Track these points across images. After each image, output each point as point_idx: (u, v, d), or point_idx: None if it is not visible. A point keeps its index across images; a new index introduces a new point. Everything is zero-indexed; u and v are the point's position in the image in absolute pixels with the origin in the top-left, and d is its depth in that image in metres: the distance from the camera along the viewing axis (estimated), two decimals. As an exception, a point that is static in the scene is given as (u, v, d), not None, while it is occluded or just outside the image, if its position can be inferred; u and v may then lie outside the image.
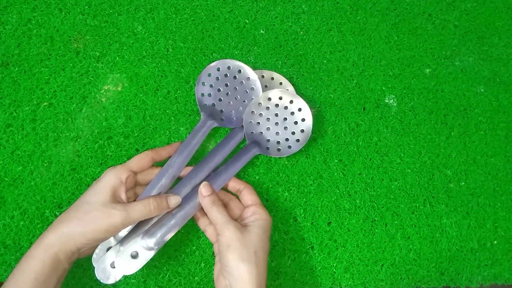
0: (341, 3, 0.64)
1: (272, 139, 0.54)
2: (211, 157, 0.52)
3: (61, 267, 0.42)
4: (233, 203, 0.51)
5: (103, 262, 0.45)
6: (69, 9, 0.57)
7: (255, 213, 0.48)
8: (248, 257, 0.44)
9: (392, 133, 0.61)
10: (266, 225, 0.47)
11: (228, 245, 0.44)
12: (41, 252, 0.41)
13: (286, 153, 0.53)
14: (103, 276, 0.45)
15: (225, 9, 0.60)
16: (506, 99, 0.65)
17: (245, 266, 0.43)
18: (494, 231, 0.60)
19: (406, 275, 0.57)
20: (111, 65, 0.56)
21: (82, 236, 0.42)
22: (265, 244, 0.46)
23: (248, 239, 0.45)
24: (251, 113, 0.53)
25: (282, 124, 0.54)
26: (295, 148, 0.53)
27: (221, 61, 0.54)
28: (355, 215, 0.57)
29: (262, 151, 0.53)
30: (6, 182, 0.50)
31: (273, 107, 0.54)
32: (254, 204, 0.49)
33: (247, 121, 0.53)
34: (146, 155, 0.49)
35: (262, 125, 0.54)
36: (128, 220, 0.43)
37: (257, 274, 0.43)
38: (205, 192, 0.48)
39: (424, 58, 0.64)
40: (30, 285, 0.40)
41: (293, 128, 0.54)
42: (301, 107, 0.53)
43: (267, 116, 0.54)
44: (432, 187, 0.60)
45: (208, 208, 0.47)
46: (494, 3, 0.69)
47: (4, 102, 0.52)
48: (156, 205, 0.45)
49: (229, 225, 0.45)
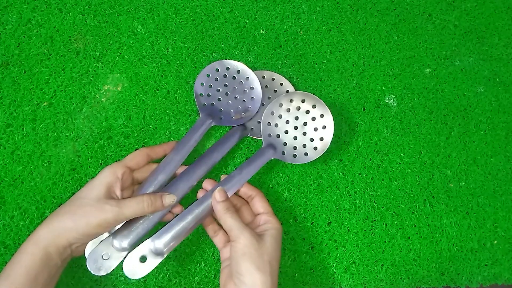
0: (341, 3, 0.64)
1: (289, 144, 0.52)
2: (208, 154, 0.51)
3: (52, 263, 0.42)
4: (245, 208, 0.51)
5: (95, 253, 0.45)
6: (69, 9, 0.57)
7: (267, 222, 0.48)
8: (263, 266, 0.43)
9: (392, 133, 0.61)
10: (278, 234, 0.47)
11: (244, 253, 0.43)
12: (32, 246, 0.41)
13: (302, 161, 0.51)
14: (94, 267, 0.45)
15: (225, 9, 0.60)
16: (506, 99, 0.65)
17: (260, 276, 0.42)
18: (494, 231, 0.60)
19: (406, 275, 0.57)
20: (111, 65, 0.56)
21: (74, 230, 0.42)
22: (278, 254, 0.46)
23: (263, 248, 0.44)
24: (270, 114, 0.52)
25: (301, 129, 0.52)
26: (311, 156, 0.51)
27: (219, 62, 0.54)
28: (355, 215, 0.57)
29: (277, 155, 0.51)
30: (6, 182, 0.50)
31: (294, 110, 0.52)
32: (266, 212, 0.49)
33: (265, 122, 0.52)
34: (141, 151, 0.49)
35: (281, 127, 0.52)
36: (121, 216, 0.43)
37: (271, 284, 0.43)
38: (219, 197, 0.47)
39: (424, 58, 0.64)
40: (20, 280, 0.40)
41: (312, 135, 0.52)
42: (323, 114, 0.52)
43: (287, 118, 0.52)
44: (432, 187, 0.60)
45: (222, 214, 0.46)
46: (494, 3, 0.69)
47: (4, 102, 0.52)
48: (150, 203, 0.45)
49: (245, 232, 0.44)
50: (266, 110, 0.52)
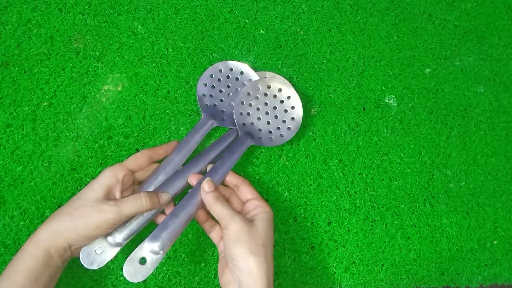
0: (341, 3, 0.64)
1: (264, 129, 0.54)
2: (206, 153, 0.51)
3: (53, 263, 0.42)
4: (234, 198, 0.51)
5: (89, 247, 0.45)
6: (69, 9, 0.57)
7: (257, 207, 0.48)
8: (257, 250, 0.43)
9: (392, 133, 0.61)
10: (269, 217, 0.47)
11: (236, 239, 0.44)
12: (33, 247, 0.41)
13: (279, 142, 0.53)
14: (87, 261, 0.44)
15: (225, 9, 0.60)
16: (506, 99, 0.65)
17: (254, 260, 0.43)
18: (494, 231, 0.60)
19: (406, 275, 0.57)
20: (111, 65, 0.56)
21: (73, 231, 0.42)
22: (271, 237, 0.46)
23: (255, 232, 0.45)
24: (240, 103, 0.53)
25: (272, 113, 0.54)
26: (287, 136, 0.54)
27: (223, 63, 0.54)
28: (355, 215, 0.57)
29: (255, 141, 0.53)
30: (6, 182, 0.50)
31: (262, 97, 0.54)
32: (255, 197, 0.49)
33: (237, 112, 0.53)
34: (143, 154, 0.49)
35: (253, 115, 0.54)
36: (120, 216, 0.43)
37: (266, 267, 0.43)
38: (207, 188, 0.47)
39: (424, 58, 0.64)
40: (22, 281, 0.40)
41: (284, 117, 0.54)
42: (290, 95, 0.54)
43: (257, 106, 0.54)
44: (432, 187, 0.60)
45: (212, 204, 0.46)
46: (494, 3, 0.69)
47: (4, 102, 0.52)
48: (148, 199, 0.45)
49: (235, 218, 0.45)
50: (236, 100, 0.53)
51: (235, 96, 0.54)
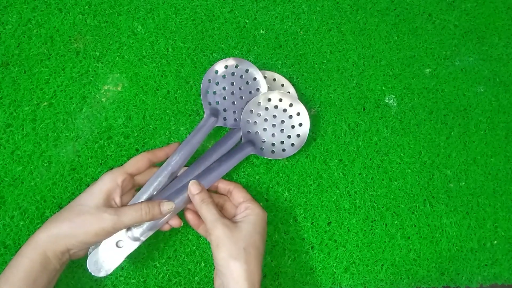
0: (341, 3, 0.64)
1: (267, 140, 0.53)
2: (208, 156, 0.51)
3: (51, 267, 0.42)
4: (228, 204, 0.51)
5: (95, 255, 0.45)
6: (69, 9, 0.57)
7: (247, 209, 0.48)
8: (237, 254, 0.43)
9: (392, 133, 0.61)
10: (257, 220, 0.47)
11: (217, 244, 0.44)
12: (31, 251, 0.41)
13: (279, 156, 0.53)
14: (94, 268, 0.45)
15: (225, 9, 0.60)
16: (506, 99, 0.65)
17: (235, 264, 0.43)
18: (494, 231, 0.60)
19: (406, 275, 0.57)
20: (111, 65, 0.56)
21: (72, 238, 0.42)
22: (256, 240, 0.45)
23: (237, 236, 0.44)
24: (249, 111, 0.53)
25: (279, 126, 0.54)
26: (289, 152, 0.53)
27: (229, 59, 0.54)
28: (355, 215, 0.57)
29: (256, 151, 0.53)
30: (6, 182, 0.50)
31: (272, 108, 0.53)
32: (246, 200, 0.49)
33: (244, 120, 0.53)
34: (142, 157, 0.49)
35: (259, 125, 0.54)
36: (119, 225, 0.43)
37: (248, 271, 0.43)
38: (194, 190, 0.47)
39: (424, 58, 0.64)
40: (20, 284, 0.40)
41: (290, 132, 0.54)
42: (300, 112, 0.53)
43: (265, 116, 0.53)
44: (432, 187, 0.60)
45: (198, 207, 0.46)
46: (494, 3, 0.69)
47: (4, 102, 0.52)
48: (148, 211, 0.45)
49: (217, 223, 0.44)
50: (245, 108, 0.53)
51: (238, 95, 0.54)
